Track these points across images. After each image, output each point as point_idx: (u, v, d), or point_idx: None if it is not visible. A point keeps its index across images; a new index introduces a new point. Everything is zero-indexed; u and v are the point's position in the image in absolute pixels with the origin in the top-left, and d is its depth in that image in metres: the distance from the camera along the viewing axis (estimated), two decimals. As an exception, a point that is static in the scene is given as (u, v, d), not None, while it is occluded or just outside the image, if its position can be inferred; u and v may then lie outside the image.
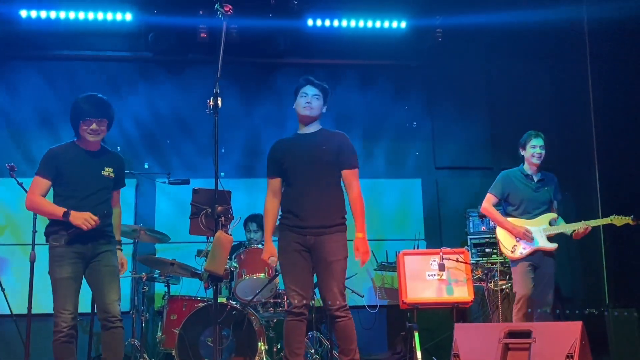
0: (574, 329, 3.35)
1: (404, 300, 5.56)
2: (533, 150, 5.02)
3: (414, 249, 6.44)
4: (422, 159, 7.23)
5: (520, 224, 4.97)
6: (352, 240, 3.99)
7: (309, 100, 4.03)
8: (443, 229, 6.98)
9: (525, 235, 4.88)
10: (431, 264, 5.64)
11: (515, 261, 4.96)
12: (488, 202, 5.12)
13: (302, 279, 3.91)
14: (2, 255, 6.24)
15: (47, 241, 3.93)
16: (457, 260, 5.52)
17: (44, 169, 3.90)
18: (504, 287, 5.40)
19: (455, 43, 7.06)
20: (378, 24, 6.87)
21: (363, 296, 5.75)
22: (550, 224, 4.96)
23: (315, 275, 4.03)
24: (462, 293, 5.53)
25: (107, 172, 4.01)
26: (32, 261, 4.75)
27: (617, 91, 6.52)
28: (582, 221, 4.88)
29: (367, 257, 3.95)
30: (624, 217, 4.88)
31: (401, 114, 7.25)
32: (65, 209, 3.77)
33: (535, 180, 5.06)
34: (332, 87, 6.99)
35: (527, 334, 3.43)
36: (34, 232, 4.85)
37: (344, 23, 6.85)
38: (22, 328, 5.27)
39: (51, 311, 3.92)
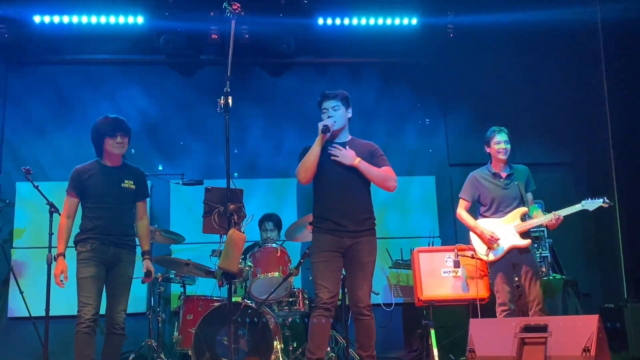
0: (590, 322, 3.31)
1: (420, 297, 5.55)
2: (498, 146, 4.98)
3: (429, 246, 6.42)
4: (436, 156, 7.20)
5: (491, 224, 4.95)
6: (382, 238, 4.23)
7: (330, 115, 4.19)
8: (458, 226, 6.92)
9: (490, 242, 4.87)
10: (446, 261, 5.63)
11: (492, 263, 4.93)
12: (461, 207, 5.12)
13: (332, 277, 4.04)
14: (21, 259, 6.31)
15: (75, 248, 4.34)
16: (473, 257, 5.47)
17: (71, 188, 4.38)
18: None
19: (467, 39, 7.02)
20: (389, 21, 6.85)
21: (378, 294, 5.73)
22: (523, 219, 4.90)
23: (345, 274, 4.18)
24: (478, 290, 5.50)
25: (128, 184, 4.45)
26: (49, 263, 4.79)
27: (631, 88, 6.47)
28: (553, 212, 4.80)
29: (345, 159, 4.08)
30: (595, 201, 4.80)
31: (414, 112, 7.23)
32: (61, 252, 4.28)
33: (504, 177, 5.01)
34: (342, 85, 7.06)
35: (543, 328, 3.40)
36: (50, 234, 4.89)
37: (355, 21, 6.84)
38: (41, 330, 5.34)
39: (69, 313, 4.26)
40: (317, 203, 4.21)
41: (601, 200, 4.80)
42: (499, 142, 4.98)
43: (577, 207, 4.82)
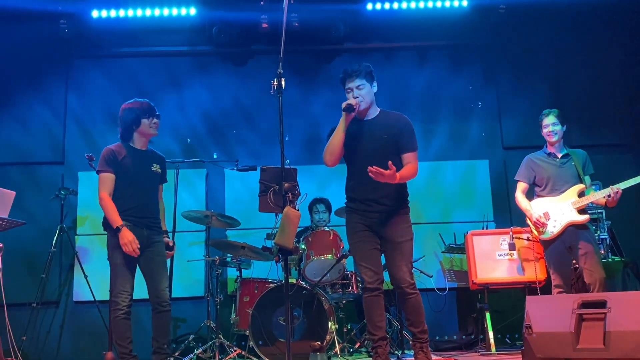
0: (652, 297, 3.24)
1: (474, 280, 5.52)
2: (546, 129, 4.99)
3: (483, 229, 6.36)
4: (489, 139, 7.10)
5: (546, 203, 4.88)
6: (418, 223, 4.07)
7: (355, 95, 4.07)
8: (513, 210, 6.82)
9: (536, 225, 4.82)
10: (501, 244, 5.59)
11: (548, 243, 4.84)
12: (518, 190, 5.08)
13: (371, 256, 4.00)
14: (85, 245, 6.56)
15: (105, 230, 4.36)
16: (528, 239, 5.41)
17: (107, 164, 4.37)
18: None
19: (520, 19, 6.92)
20: (439, 4, 6.82)
21: (431, 276, 5.72)
22: (580, 196, 4.81)
23: (383, 256, 4.10)
24: (534, 272, 5.43)
25: (155, 168, 4.55)
26: (114, 246, 4.95)
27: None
28: (610, 186, 4.68)
29: (386, 178, 3.78)
30: None
31: (465, 94, 7.15)
32: (122, 223, 4.21)
33: (559, 156, 4.96)
34: (393, 70, 7.06)
35: (602, 304, 3.33)
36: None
37: (404, 5, 6.83)
38: (105, 313, 5.55)
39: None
40: (349, 184, 4.16)
41: None
42: (547, 126, 5.00)
43: (636, 179, 4.71)
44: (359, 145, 4.07)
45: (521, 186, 5.08)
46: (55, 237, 6.21)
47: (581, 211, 4.78)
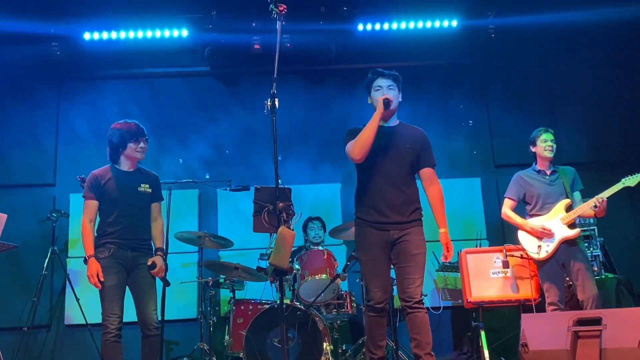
0: (646, 314, 3.24)
1: (469, 298, 5.50)
2: (545, 144, 5.04)
3: (476, 247, 6.36)
4: (481, 157, 7.15)
5: (538, 222, 4.92)
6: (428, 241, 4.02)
7: (386, 92, 3.95)
8: (505, 227, 6.84)
9: (544, 234, 4.84)
10: (495, 262, 5.57)
11: (542, 262, 4.89)
12: (506, 207, 5.12)
13: (383, 275, 3.90)
14: (76, 268, 6.50)
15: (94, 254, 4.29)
16: (522, 257, 5.41)
17: (90, 190, 4.39)
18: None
19: (509, 40, 6.99)
20: (429, 24, 6.86)
21: (426, 295, 5.70)
22: (567, 210, 4.87)
23: (395, 269, 3.97)
24: (528, 290, 5.42)
25: (144, 188, 4.50)
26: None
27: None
28: (595, 196, 4.73)
29: (452, 252, 3.99)
30: (635, 176, 4.71)
31: (457, 113, 7.21)
32: (91, 253, 4.23)
33: (549, 173, 5.03)
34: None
35: (597, 321, 3.33)
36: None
37: (394, 25, 6.87)
38: (97, 336, 5.48)
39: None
40: (362, 192, 3.97)
41: None
42: (546, 140, 5.05)
43: (618, 186, 4.77)
44: (380, 151, 3.91)
45: (509, 203, 5.14)
46: (47, 259, 6.15)
47: (571, 225, 4.82)
